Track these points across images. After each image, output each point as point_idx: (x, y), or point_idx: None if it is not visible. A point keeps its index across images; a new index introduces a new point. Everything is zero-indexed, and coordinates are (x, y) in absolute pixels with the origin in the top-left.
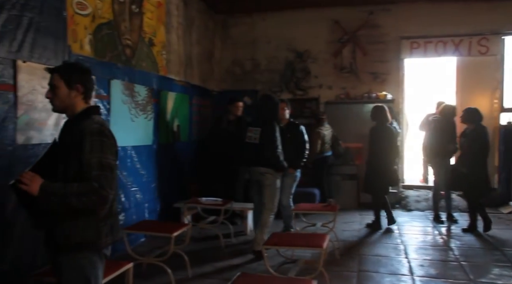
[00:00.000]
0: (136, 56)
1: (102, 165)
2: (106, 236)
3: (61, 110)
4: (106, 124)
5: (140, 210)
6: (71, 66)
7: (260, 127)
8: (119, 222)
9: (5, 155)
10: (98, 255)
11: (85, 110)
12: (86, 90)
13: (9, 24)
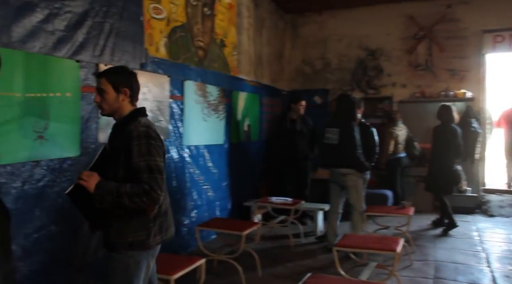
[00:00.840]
0: (208, 57)
1: (151, 168)
2: (155, 236)
3: (110, 114)
4: (153, 126)
5: (212, 207)
6: (118, 70)
7: (338, 127)
8: (171, 221)
9: (88, 153)
10: (145, 255)
11: (132, 113)
12: (132, 93)
13: (93, 31)
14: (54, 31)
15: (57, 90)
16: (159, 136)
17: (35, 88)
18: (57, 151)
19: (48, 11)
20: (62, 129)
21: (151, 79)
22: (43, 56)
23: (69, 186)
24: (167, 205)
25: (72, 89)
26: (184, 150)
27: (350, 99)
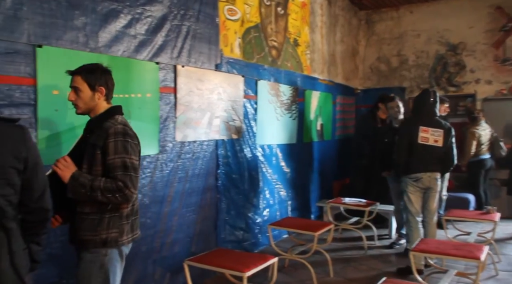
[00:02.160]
0: (282, 56)
1: (126, 165)
2: (127, 234)
3: (85, 112)
4: (129, 124)
5: (284, 207)
6: (93, 68)
7: (442, 128)
8: (138, 220)
9: (166, 151)
10: (118, 252)
11: (108, 110)
12: (108, 91)
13: (171, 33)
14: (136, 35)
15: (138, 91)
16: (136, 135)
17: (119, 89)
18: None
19: (130, 17)
20: (142, 128)
21: (225, 79)
22: (126, 59)
23: (50, 170)
24: (138, 205)
25: (152, 90)
26: (257, 149)
27: (436, 95)
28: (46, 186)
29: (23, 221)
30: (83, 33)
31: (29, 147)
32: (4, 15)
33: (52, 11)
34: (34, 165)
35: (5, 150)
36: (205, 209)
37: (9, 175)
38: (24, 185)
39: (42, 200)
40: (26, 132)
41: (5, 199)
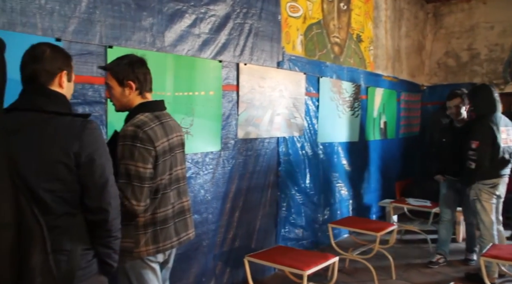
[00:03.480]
0: (344, 53)
1: (129, 173)
2: (146, 245)
3: (121, 109)
4: (147, 124)
5: (344, 205)
6: (120, 62)
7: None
8: (179, 230)
9: (228, 147)
10: (142, 262)
11: (135, 108)
12: (140, 84)
13: (234, 32)
14: (200, 34)
15: (201, 89)
16: (151, 138)
17: (183, 87)
18: (201, 145)
19: (195, 16)
20: (205, 125)
21: (287, 77)
22: (190, 58)
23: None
24: (169, 214)
25: (215, 88)
26: (318, 147)
27: (492, 90)
28: (106, 185)
29: (86, 221)
30: (150, 33)
31: (85, 142)
32: (79, 18)
33: (122, 14)
34: (89, 161)
35: (57, 144)
36: (266, 206)
37: (57, 170)
38: (80, 182)
39: (100, 200)
40: (88, 126)
41: (53, 195)
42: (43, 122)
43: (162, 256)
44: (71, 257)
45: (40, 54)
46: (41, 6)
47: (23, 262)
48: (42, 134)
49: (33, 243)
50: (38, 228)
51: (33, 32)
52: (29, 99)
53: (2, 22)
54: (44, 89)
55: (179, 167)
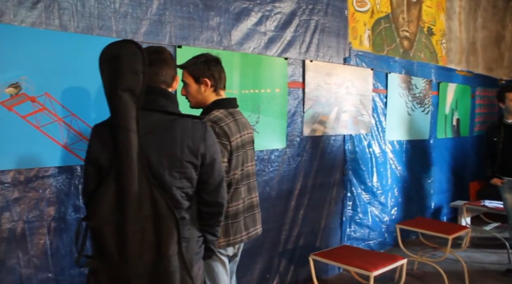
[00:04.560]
0: (414, 47)
1: None
2: (219, 238)
3: (196, 106)
4: (222, 120)
5: (413, 206)
6: (197, 60)
7: None
8: (249, 224)
9: (294, 145)
10: (213, 257)
11: (210, 104)
12: (215, 82)
13: (299, 28)
14: (266, 32)
15: (267, 86)
16: (227, 133)
17: (249, 85)
18: (266, 143)
19: (261, 14)
20: (271, 122)
21: (354, 73)
22: (256, 55)
23: None
24: (240, 208)
25: (280, 85)
26: (386, 145)
27: None
28: (222, 181)
29: (199, 212)
30: (217, 32)
31: (208, 144)
32: (150, 20)
33: (190, 14)
34: (211, 161)
35: (185, 145)
36: (331, 204)
37: (186, 169)
38: (200, 178)
39: (216, 194)
40: (208, 129)
41: (182, 191)
42: (169, 123)
43: (232, 249)
44: (190, 243)
45: (169, 58)
46: (115, 10)
47: (162, 250)
48: (171, 135)
49: (170, 234)
50: (173, 221)
51: (108, 34)
52: (154, 100)
53: (82, 26)
54: (165, 91)
55: (250, 163)
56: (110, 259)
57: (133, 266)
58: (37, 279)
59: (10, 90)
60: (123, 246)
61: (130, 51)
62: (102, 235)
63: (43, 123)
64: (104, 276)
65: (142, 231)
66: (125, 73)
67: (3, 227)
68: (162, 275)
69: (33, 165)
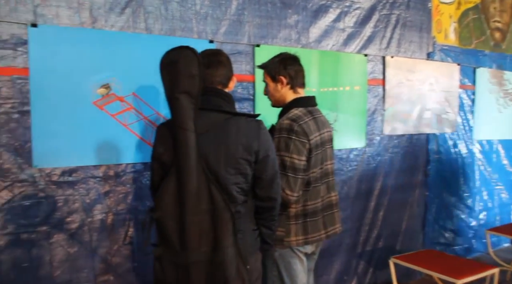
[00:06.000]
0: (507, 39)
1: (284, 165)
2: (297, 235)
3: (276, 105)
4: (301, 119)
5: (505, 211)
6: (272, 59)
7: None
8: (327, 223)
9: (374, 144)
10: (291, 251)
11: (289, 103)
12: (291, 79)
13: (379, 24)
14: (345, 29)
15: (346, 84)
16: (305, 132)
17: (327, 83)
18: (344, 141)
19: (339, 11)
20: (350, 121)
21: (438, 69)
22: (335, 53)
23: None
24: (319, 207)
25: (360, 83)
26: (474, 145)
27: None
28: (276, 177)
29: (255, 206)
30: (295, 30)
31: (262, 141)
32: (229, 20)
33: (268, 13)
34: (264, 157)
35: (239, 143)
36: (413, 206)
37: (241, 166)
38: (254, 174)
39: (270, 190)
40: (262, 127)
41: (237, 187)
42: (224, 122)
43: (310, 247)
44: (245, 236)
45: (225, 60)
46: (196, 11)
47: (218, 241)
48: (226, 133)
49: (226, 226)
50: (229, 214)
51: (189, 35)
52: (210, 100)
53: (165, 28)
54: (221, 91)
55: (329, 162)
56: (172, 248)
57: (193, 255)
58: (124, 268)
59: (101, 91)
60: (183, 236)
61: (187, 56)
62: (165, 226)
63: (130, 121)
64: (167, 263)
65: (200, 223)
66: (182, 77)
67: (95, 218)
68: (218, 264)
69: (122, 161)
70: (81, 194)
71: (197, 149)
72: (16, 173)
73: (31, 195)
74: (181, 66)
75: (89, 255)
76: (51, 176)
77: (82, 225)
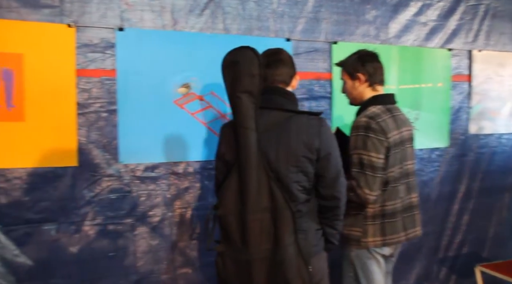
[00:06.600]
0: None
1: (362, 163)
2: (374, 236)
3: (353, 102)
4: (379, 116)
5: None
6: (351, 56)
7: None
8: (407, 224)
9: (457, 144)
10: (368, 252)
11: (367, 100)
12: (369, 76)
13: (465, 16)
14: (427, 22)
15: (428, 80)
16: (384, 129)
17: (408, 80)
18: (426, 141)
19: (421, 4)
20: (432, 119)
21: None
22: (416, 48)
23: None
24: (398, 208)
25: (443, 79)
26: None
27: None
28: (339, 175)
29: (318, 206)
30: (374, 26)
31: (323, 138)
32: (306, 18)
33: (346, 9)
34: (326, 155)
35: (300, 141)
36: (502, 211)
37: (301, 163)
38: (317, 172)
39: (333, 189)
40: (323, 124)
41: (298, 185)
42: (285, 120)
43: (388, 249)
44: (307, 235)
45: (286, 58)
46: (273, 10)
47: (279, 239)
48: (287, 132)
49: (286, 225)
50: (289, 213)
51: (266, 34)
52: (272, 99)
53: (243, 28)
54: (282, 90)
55: (409, 161)
56: (234, 245)
57: (254, 252)
58: (203, 262)
59: (182, 90)
60: (244, 234)
61: (247, 56)
62: (227, 223)
63: (209, 120)
64: (229, 259)
65: (261, 221)
66: (243, 76)
67: (175, 212)
68: (279, 262)
69: (201, 158)
70: (162, 189)
71: (258, 147)
72: (104, 168)
73: (117, 189)
74: (242, 66)
75: (169, 248)
76: (135, 172)
77: (163, 219)
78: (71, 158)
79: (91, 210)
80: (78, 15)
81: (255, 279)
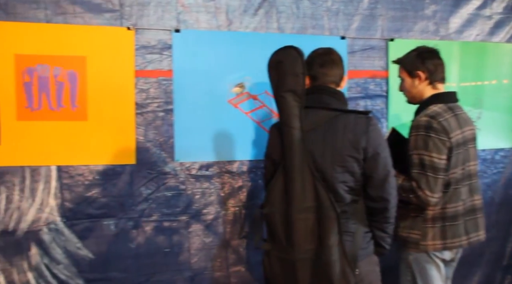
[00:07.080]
0: None
1: (423, 164)
2: (434, 240)
3: (412, 101)
4: (441, 115)
5: None
6: (409, 53)
7: None
8: (470, 228)
9: None
10: (427, 256)
11: (426, 100)
12: (430, 74)
13: None
14: (492, 16)
15: (492, 77)
16: (446, 129)
17: (469, 77)
18: (489, 141)
19: None
20: (496, 118)
21: None
22: (479, 43)
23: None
24: (460, 210)
25: (509, 75)
26: None
27: None
28: (388, 176)
29: (367, 207)
30: (433, 21)
31: (370, 137)
32: (361, 15)
33: (403, 5)
34: (374, 155)
35: (346, 139)
36: None
37: (348, 163)
38: (364, 172)
39: (381, 189)
40: (371, 123)
41: (344, 185)
42: (332, 119)
43: (449, 253)
44: (355, 238)
45: (338, 59)
46: (328, 8)
47: (323, 240)
48: (333, 131)
49: (330, 225)
50: (334, 213)
51: (321, 33)
52: (320, 98)
53: (297, 27)
54: (331, 89)
55: (472, 162)
56: (279, 243)
57: (298, 251)
58: (255, 261)
59: (236, 90)
60: (289, 233)
61: (291, 56)
62: (273, 222)
63: (262, 119)
64: (275, 258)
65: (305, 220)
66: (287, 76)
67: (229, 211)
68: (323, 263)
69: (254, 157)
70: (216, 188)
71: (303, 146)
72: (160, 166)
73: (173, 186)
74: (286, 66)
75: (223, 246)
76: (190, 170)
77: (217, 217)
78: (129, 156)
79: (148, 206)
80: (137, 18)
81: (300, 280)
